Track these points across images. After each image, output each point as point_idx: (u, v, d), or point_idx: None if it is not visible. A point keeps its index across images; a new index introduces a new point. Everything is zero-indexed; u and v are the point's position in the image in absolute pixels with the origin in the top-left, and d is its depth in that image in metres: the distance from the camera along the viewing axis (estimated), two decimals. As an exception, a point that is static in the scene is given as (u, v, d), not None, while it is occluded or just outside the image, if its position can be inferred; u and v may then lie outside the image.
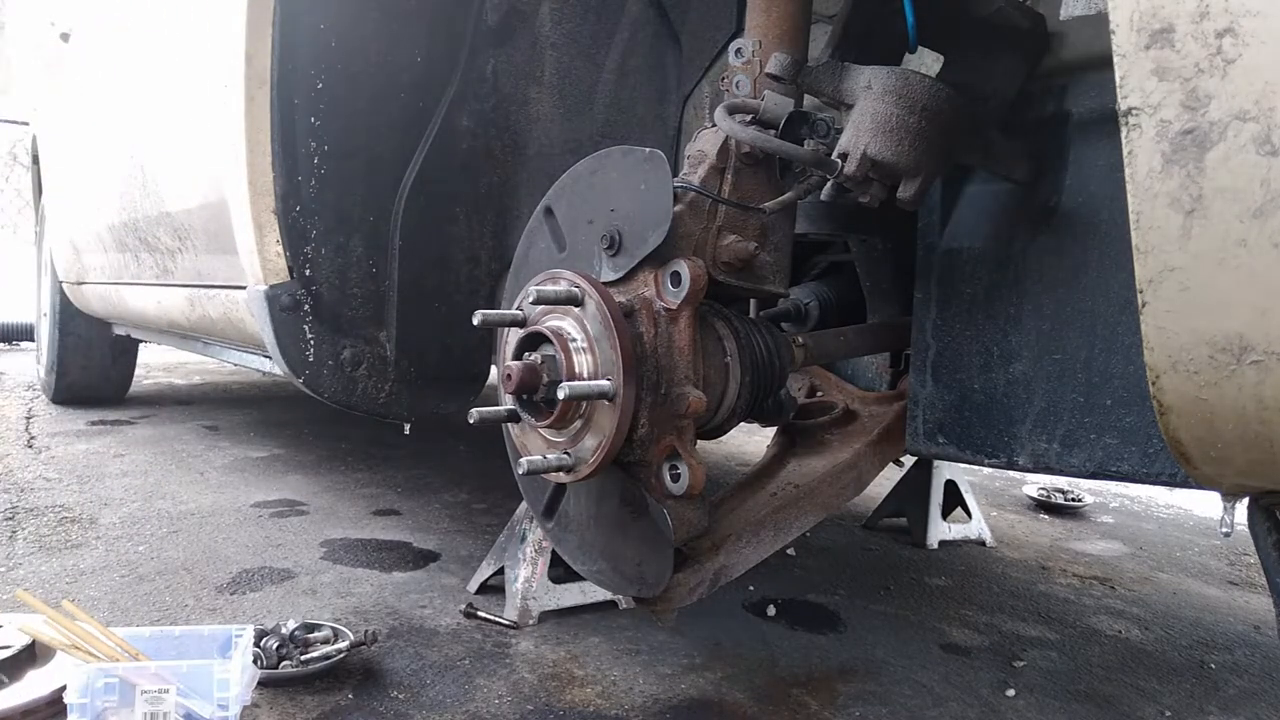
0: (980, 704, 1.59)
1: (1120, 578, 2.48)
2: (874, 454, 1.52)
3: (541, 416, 1.11)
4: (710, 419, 1.24)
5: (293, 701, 1.41)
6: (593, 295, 1.08)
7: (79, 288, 3.61)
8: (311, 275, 1.68)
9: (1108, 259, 1.12)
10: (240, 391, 4.96)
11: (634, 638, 1.75)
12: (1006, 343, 1.24)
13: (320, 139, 1.63)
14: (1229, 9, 0.62)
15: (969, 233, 1.30)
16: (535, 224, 1.29)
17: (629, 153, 1.15)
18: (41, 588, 1.82)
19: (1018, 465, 1.24)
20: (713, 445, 3.92)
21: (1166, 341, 0.71)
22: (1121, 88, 0.69)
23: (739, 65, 1.24)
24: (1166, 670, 1.82)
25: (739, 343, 1.22)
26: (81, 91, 3.02)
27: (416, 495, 2.80)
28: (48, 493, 2.58)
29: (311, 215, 1.65)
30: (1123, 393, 1.11)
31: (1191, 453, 0.76)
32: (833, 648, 1.80)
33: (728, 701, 1.52)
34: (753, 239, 1.20)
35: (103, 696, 1.19)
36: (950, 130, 1.11)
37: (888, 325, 1.63)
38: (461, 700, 1.46)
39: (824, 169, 1.12)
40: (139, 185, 2.45)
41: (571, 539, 1.28)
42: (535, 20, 1.79)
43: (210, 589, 1.88)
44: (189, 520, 2.38)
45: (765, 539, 1.34)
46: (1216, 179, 0.64)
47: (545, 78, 1.83)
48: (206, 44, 1.82)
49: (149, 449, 3.26)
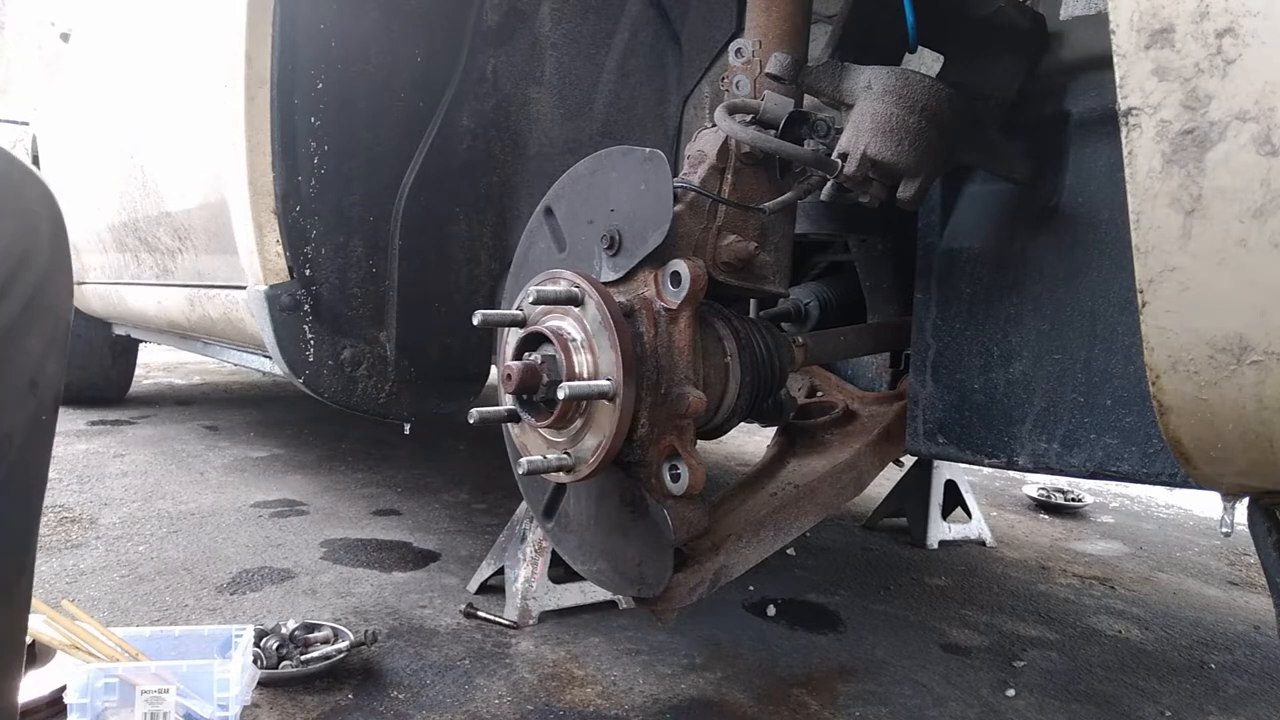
0: (980, 704, 1.59)
1: (1120, 578, 2.48)
2: (874, 454, 1.52)
3: (541, 416, 1.11)
4: (710, 419, 1.24)
5: (293, 701, 1.41)
6: (593, 295, 1.08)
7: (79, 287, 3.61)
8: (311, 275, 1.68)
9: (1108, 259, 1.12)
10: (240, 391, 4.96)
11: (634, 638, 1.75)
12: (1006, 343, 1.24)
13: (320, 139, 1.63)
14: (1229, 9, 0.62)
15: (969, 233, 1.30)
16: (535, 224, 1.29)
17: (629, 153, 1.15)
18: (41, 588, 1.82)
19: (1018, 465, 1.24)
20: (713, 445, 3.92)
21: (1166, 341, 0.71)
22: (1121, 88, 0.69)
23: (739, 65, 1.24)
24: (1166, 670, 1.82)
25: (739, 343, 1.22)
26: (81, 91, 3.02)
27: (416, 495, 2.80)
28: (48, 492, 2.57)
29: (311, 215, 1.65)
30: (1123, 393, 1.11)
31: (1191, 453, 0.76)
32: (833, 648, 1.80)
33: (728, 701, 1.52)
34: (753, 239, 1.20)
35: (103, 696, 1.19)
36: (950, 130, 1.10)
37: (888, 325, 1.63)
38: (461, 700, 1.46)
39: (824, 169, 1.12)
40: (139, 185, 2.45)
41: (571, 539, 1.28)
42: (535, 20, 1.79)
43: (210, 589, 1.88)
44: (189, 520, 2.38)
45: (765, 539, 1.34)
46: (1216, 179, 0.64)
47: (545, 78, 1.83)
48: (206, 44, 1.82)
49: (149, 449, 3.26)
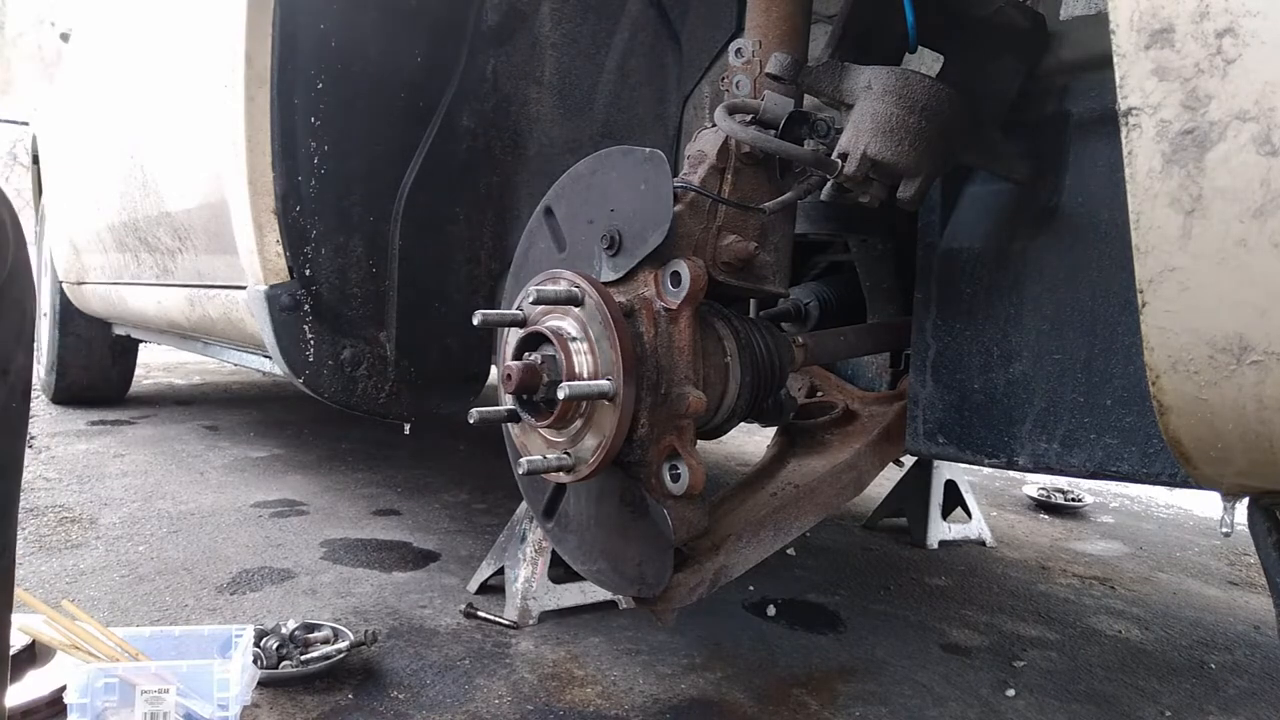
0: (980, 704, 1.59)
1: (1120, 578, 2.48)
2: (874, 454, 1.52)
3: (541, 416, 1.11)
4: (710, 419, 1.24)
5: (293, 701, 1.41)
6: (593, 295, 1.08)
7: (79, 288, 3.61)
8: (311, 275, 1.68)
9: (1108, 259, 1.12)
10: (240, 391, 4.96)
11: (634, 638, 1.75)
12: (1006, 343, 1.24)
13: (320, 139, 1.63)
14: (1229, 9, 0.62)
15: (969, 233, 1.30)
16: (535, 224, 1.29)
17: (629, 153, 1.15)
18: (41, 588, 1.82)
19: (1018, 465, 1.24)
20: (713, 445, 3.92)
21: (1166, 341, 0.71)
22: (1121, 88, 0.69)
23: (739, 65, 1.24)
24: (1166, 670, 1.82)
25: (739, 343, 1.22)
26: (81, 91, 3.02)
27: (416, 495, 2.80)
28: (48, 493, 2.58)
29: (311, 215, 1.65)
30: (1123, 393, 1.11)
31: (1191, 453, 0.76)
32: (833, 648, 1.80)
33: (728, 701, 1.52)
34: (753, 239, 1.20)
35: (103, 696, 1.19)
36: (950, 130, 1.10)
37: (888, 325, 1.63)
38: (461, 700, 1.46)
39: (824, 169, 1.12)
40: (139, 185, 2.45)
41: (571, 539, 1.28)
42: (535, 20, 1.79)
43: (210, 589, 1.88)
44: (189, 520, 2.38)
45: (765, 539, 1.34)
46: (1216, 179, 0.64)
47: (545, 78, 1.83)
48: (206, 44, 1.82)
49: (149, 449, 3.26)
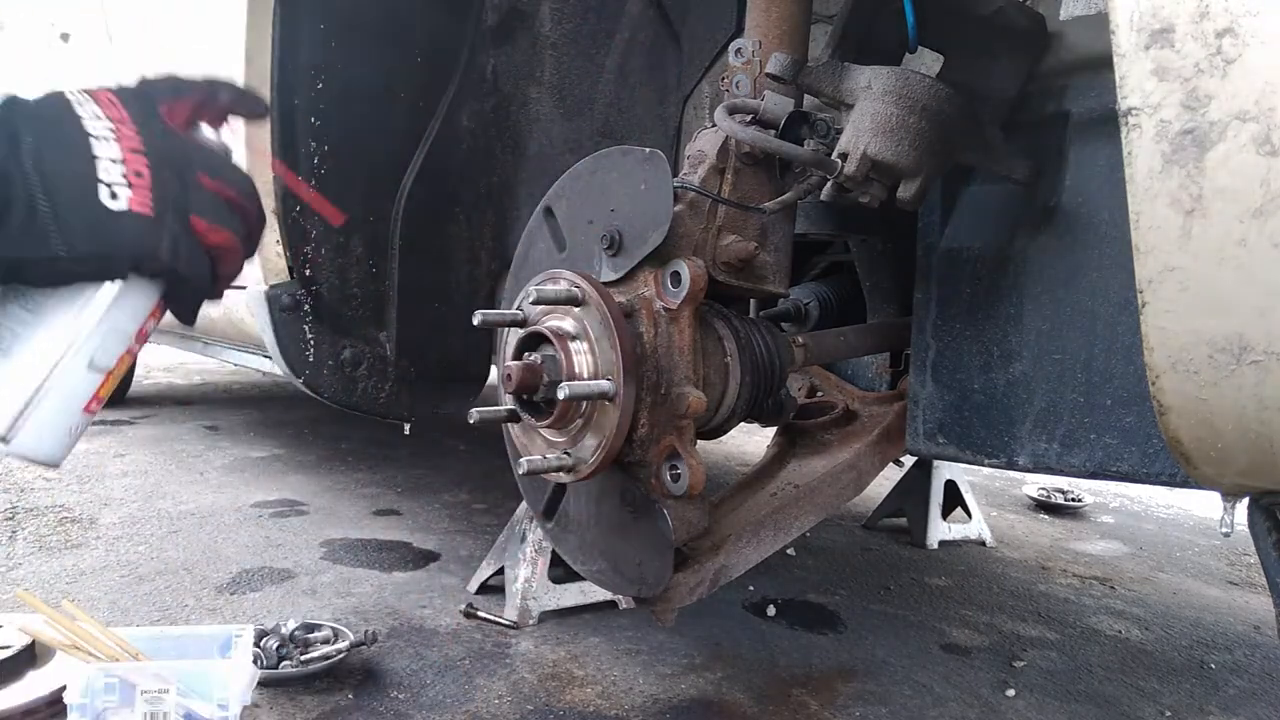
0: (980, 704, 1.59)
1: (1120, 578, 2.48)
2: (874, 454, 1.52)
3: (541, 416, 1.11)
4: (710, 419, 1.24)
5: (293, 701, 1.41)
6: (593, 295, 1.08)
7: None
8: (312, 275, 1.68)
9: (1108, 259, 1.12)
10: (240, 391, 4.96)
11: (634, 638, 1.75)
12: (1006, 343, 1.24)
13: (320, 139, 1.63)
14: (1229, 9, 0.62)
15: (969, 233, 1.30)
16: (535, 224, 1.29)
17: (629, 153, 1.15)
18: (41, 588, 1.82)
19: (1018, 465, 1.24)
20: (713, 445, 3.92)
21: (1166, 341, 0.70)
22: (1121, 88, 0.69)
23: (739, 65, 1.24)
24: (1166, 670, 1.82)
25: (739, 343, 1.22)
26: (81, 91, 3.01)
27: (416, 495, 2.80)
28: (48, 493, 2.58)
29: (311, 215, 1.65)
30: (1123, 393, 1.11)
31: (1191, 453, 0.76)
32: (833, 648, 1.80)
33: (728, 701, 1.51)
34: (753, 239, 1.20)
35: (103, 696, 1.19)
36: (950, 130, 1.10)
37: (888, 325, 1.63)
38: (461, 700, 1.46)
39: (824, 169, 1.12)
40: (139, 185, 2.44)
41: (571, 539, 1.28)
42: (535, 20, 1.79)
43: (210, 589, 1.88)
44: (189, 520, 2.38)
45: (765, 539, 1.34)
46: (1216, 179, 0.64)
47: (545, 78, 1.83)
48: (206, 44, 1.82)
49: (149, 449, 3.26)
